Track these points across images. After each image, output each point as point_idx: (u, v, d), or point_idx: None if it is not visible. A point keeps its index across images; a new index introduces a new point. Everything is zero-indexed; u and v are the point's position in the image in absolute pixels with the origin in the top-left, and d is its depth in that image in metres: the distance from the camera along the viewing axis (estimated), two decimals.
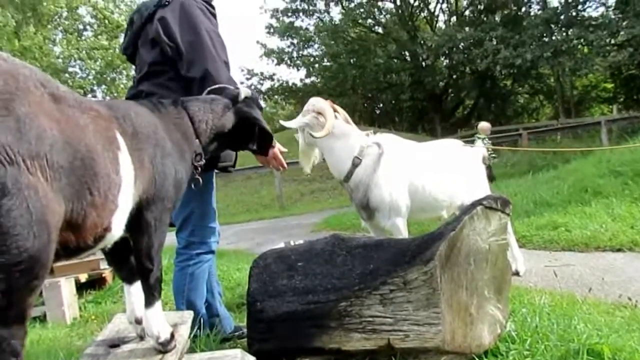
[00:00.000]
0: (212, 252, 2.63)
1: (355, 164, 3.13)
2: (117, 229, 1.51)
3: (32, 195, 1.10)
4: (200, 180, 2.10)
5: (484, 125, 10.60)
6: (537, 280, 3.93)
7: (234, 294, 3.77)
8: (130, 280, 1.83)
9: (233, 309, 3.35)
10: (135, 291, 1.82)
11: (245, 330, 2.46)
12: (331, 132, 3.13)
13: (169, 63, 2.42)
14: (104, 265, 4.83)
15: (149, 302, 1.74)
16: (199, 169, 1.99)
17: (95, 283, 4.96)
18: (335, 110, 3.21)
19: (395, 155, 3.24)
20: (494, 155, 10.28)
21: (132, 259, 1.76)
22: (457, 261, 1.89)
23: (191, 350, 2.11)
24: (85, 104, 1.44)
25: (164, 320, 1.79)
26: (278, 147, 2.50)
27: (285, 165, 2.60)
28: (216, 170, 2.69)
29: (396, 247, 2.06)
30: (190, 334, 2.04)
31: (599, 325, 2.38)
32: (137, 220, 1.63)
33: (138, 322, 1.84)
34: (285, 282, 2.13)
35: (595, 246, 4.84)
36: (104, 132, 1.43)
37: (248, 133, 2.15)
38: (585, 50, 16.95)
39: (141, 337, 1.87)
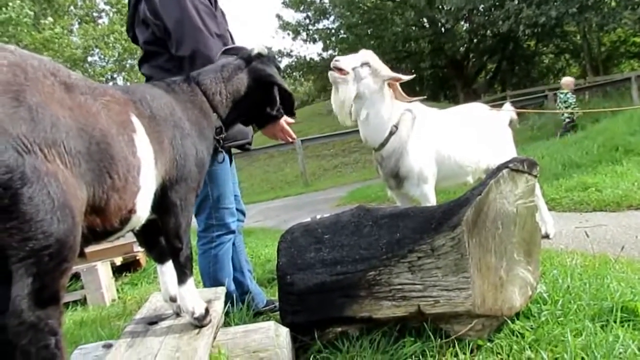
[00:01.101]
0: (232, 232, 2.61)
1: (392, 133, 3.08)
2: (143, 210, 1.53)
3: (52, 181, 1.13)
4: (224, 154, 2.09)
5: (567, 80, 10.27)
6: (568, 242, 3.87)
7: (264, 270, 3.84)
8: (161, 260, 1.87)
9: (264, 284, 3.42)
10: (167, 270, 1.87)
11: (277, 304, 2.52)
12: (390, 96, 3.06)
13: (161, 43, 2.34)
14: (137, 248, 4.97)
15: (181, 280, 1.80)
16: (222, 142, 1.99)
17: (130, 266, 5.12)
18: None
19: (426, 123, 3.19)
20: (576, 106, 10.00)
21: (161, 240, 1.80)
22: (484, 225, 1.88)
23: (226, 325, 2.17)
24: (99, 90, 1.45)
25: (198, 296, 1.85)
26: (285, 119, 2.43)
27: (294, 136, 2.54)
28: (238, 150, 2.69)
29: (422, 215, 2.06)
30: (223, 310, 2.09)
31: (632, 284, 2.35)
32: (163, 202, 1.66)
33: (173, 300, 1.90)
34: (314, 255, 2.16)
35: (627, 205, 4.72)
36: (117, 116, 1.44)
37: (266, 95, 2.08)
38: (613, 3, 16.21)
39: (177, 314, 1.93)
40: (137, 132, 1.49)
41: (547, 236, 3.91)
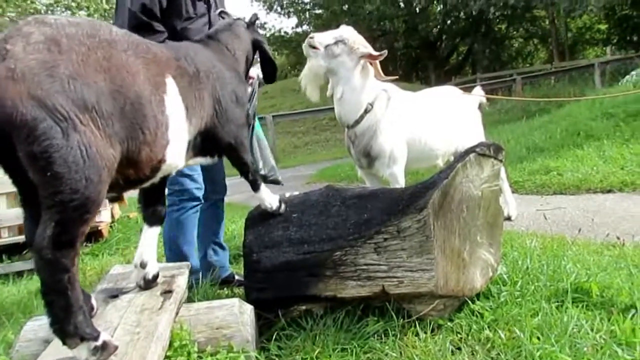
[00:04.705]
0: (195, 198, 2.62)
1: (367, 111, 3.05)
2: (173, 159, 1.71)
3: (83, 146, 1.28)
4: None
5: None
6: (528, 224, 3.99)
7: (230, 246, 3.80)
8: (150, 223, 1.92)
9: (230, 261, 3.40)
10: (149, 235, 1.90)
11: (237, 277, 2.59)
12: (368, 73, 3.04)
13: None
14: (100, 218, 4.85)
15: (256, 188, 2.15)
16: None
17: (91, 236, 4.99)
18: None
19: (399, 104, 3.19)
20: None
21: (159, 203, 1.93)
22: (450, 208, 1.91)
23: (189, 300, 2.15)
24: (142, 47, 1.59)
25: (272, 194, 2.20)
26: None
27: None
28: None
29: (390, 196, 2.07)
30: (186, 285, 2.07)
31: (587, 265, 2.45)
32: (219, 145, 1.97)
33: (142, 265, 1.87)
34: (281, 233, 2.15)
35: (586, 188, 4.90)
36: (153, 77, 1.58)
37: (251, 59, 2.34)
38: None
39: (140, 287, 1.91)
40: (169, 93, 1.64)
41: (509, 218, 4.02)
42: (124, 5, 2.31)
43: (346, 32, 3.03)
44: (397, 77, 3.44)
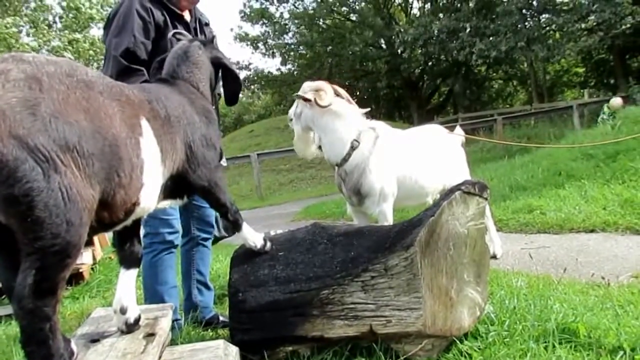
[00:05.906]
0: (167, 242, 2.58)
1: (353, 147, 3.08)
2: (147, 202, 1.66)
3: (65, 189, 1.24)
4: None
5: (617, 100, 10.41)
6: (514, 262, 4.00)
7: (215, 285, 3.73)
8: (127, 265, 1.84)
9: (214, 301, 3.33)
10: (127, 279, 1.83)
11: (221, 317, 2.52)
12: (333, 110, 3.08)
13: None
14: (81, 260, 4.74)
15: (237, 228, 2.10)
16: None
17: (72, 279, 4.86)
18: (336, 91, 3.17)
19: (388, 142, 3.24)
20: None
21: (134, 244, 1.84)
22: (436, 246, 1.91)
23: (172, 342, 2.09)
24: (116, 89, 1.56)
25: (255, 233, 2.17)
26: None
27: None
28: None
29: (377, 234, 2.07)
30: (169, 327, 2.01)
31: (574, 305, 2.45)
32: (193, 188, 1.91)
33: (122, 311, 1.81)
34: (267, 272, 2.12)
35: (569, 228, 4.93)
36: (128, 119, 1.55)
37: (217, 76, 2.28)
38: (557, 36, 17.17)
39: (122, 332, 1.84)
40: (144, 135, 1.61)
41: (494, 256, 4.03)
42: (110, 51, 2.38)
43: (306, 84, 3.22)
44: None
